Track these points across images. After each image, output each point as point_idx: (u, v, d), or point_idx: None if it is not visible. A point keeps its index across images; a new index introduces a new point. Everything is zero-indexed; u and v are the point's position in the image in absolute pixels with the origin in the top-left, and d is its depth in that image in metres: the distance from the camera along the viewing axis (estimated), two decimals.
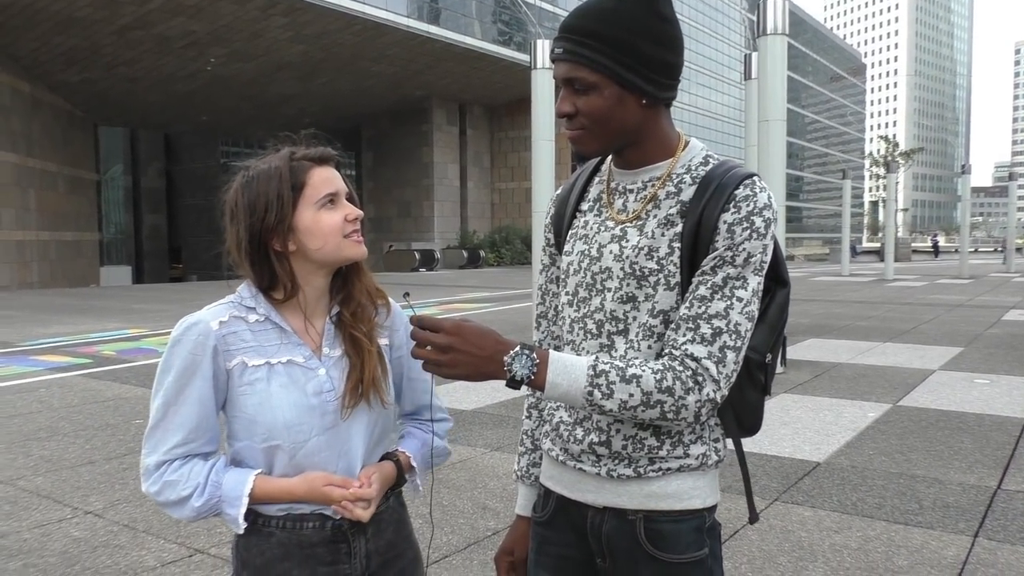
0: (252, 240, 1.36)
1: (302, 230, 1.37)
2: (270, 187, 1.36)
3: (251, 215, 1.36)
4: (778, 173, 8.49)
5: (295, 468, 1.40)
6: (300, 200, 1.37)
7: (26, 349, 10.47)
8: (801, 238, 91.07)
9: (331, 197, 1.39)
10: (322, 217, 1.37)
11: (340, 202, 1.41)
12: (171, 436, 1.37)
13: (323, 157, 1.41)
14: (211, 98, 40.86)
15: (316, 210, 1.37)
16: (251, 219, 1.36)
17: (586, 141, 1.31)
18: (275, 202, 1.35)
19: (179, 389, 1.37)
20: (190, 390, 1.37)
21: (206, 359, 1.36)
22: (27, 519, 3.97)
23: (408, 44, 34.51)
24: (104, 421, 6.15)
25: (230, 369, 1.38)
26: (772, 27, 8.47)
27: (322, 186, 1.38)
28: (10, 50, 30.23)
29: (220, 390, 1.40)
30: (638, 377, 1.20)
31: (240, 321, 1.40)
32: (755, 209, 1.23)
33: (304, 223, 1.37)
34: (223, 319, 1.39)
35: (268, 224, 1.35)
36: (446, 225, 45.54)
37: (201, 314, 1.39)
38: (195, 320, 1.38)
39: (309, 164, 1.39)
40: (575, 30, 1.25)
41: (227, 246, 1.41)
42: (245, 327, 1.40)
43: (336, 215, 1.39)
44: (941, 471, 4.69)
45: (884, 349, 9.72)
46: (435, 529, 3.75)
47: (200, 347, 1.36)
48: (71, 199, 36.56)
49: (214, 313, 1.39)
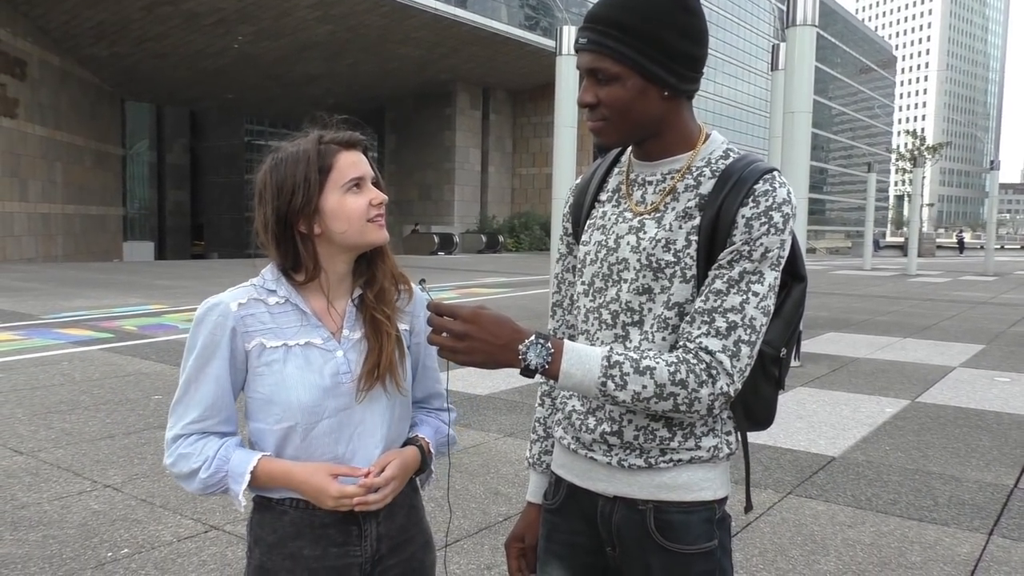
0: (279, 221, 1.39)
1: (328, 213, 1.39)
2: (298, 170, 1.38)
3: (278, 197, 1.38)
4: (802, 165, 8.42)
5: (306, 450, 1.42)
6: (327, 183, 1.38)
7: (49, 322, 10.62)
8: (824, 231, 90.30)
9: (357, 181, 1.40)
10: (347, 201, 1.39)
11: (366, 186, 1.42)
12: (190, 412, 1.41)
13: (351, 141, 1.42)
14: (237, 76, 41.02)
15: (342, 194, 1.39)
16: (278, 201, 1.38)
17: (607, 132, 1.30)
18: (302, 184, 1.37)
19: (199, 367, 1.40)
20: (209, 369, 1.40)
21: (224, 340, 1.39)
22: (47, 491, 4.05)
23: (435, 27, 34.44)
24: (124, 396, 6.24)
25: (249, 350, 1.41)
26: (802, 18, 8.37)
27: (349, 170, 1.40)
28: (40, 23, 30.48)
29: (239, 371, 1.42)
30: (652, 369, 1.20)
31: (260, 303, 1.43)
32: (774, 204, 1.23)
33: (330, 206, 1.38)
34: (242, 301, 1.41)
35: (295, 206, 1.37)
36: (466, 209, 45.55)
37: (222, 296, 1.42)
38: (216, 301, 1.41)
39: (337, 148, 1.40)
40: (600, 20, 1.25)
41: (255, 226, 1.44)
42: (264, 309, 1.42)
43: (361, 199, 1.40)
44: (958, 468, 4.66)
45: (904, 344, 9.64)
46: (444, 514, 3.78)
47: (219, 328, 1.39)
48: (97, 173, 36.91)
49: (234, 295, 1.42)
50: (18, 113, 28.57)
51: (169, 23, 31.72)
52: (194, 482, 1.39)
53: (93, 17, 30.62)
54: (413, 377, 1.60)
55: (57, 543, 3.39)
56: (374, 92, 45.44)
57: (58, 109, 32.25)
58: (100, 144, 37.40)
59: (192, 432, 1.41)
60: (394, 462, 1.44)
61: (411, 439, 1.54)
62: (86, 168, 35.41)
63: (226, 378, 1.41)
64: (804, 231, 8.32)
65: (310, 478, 1.37)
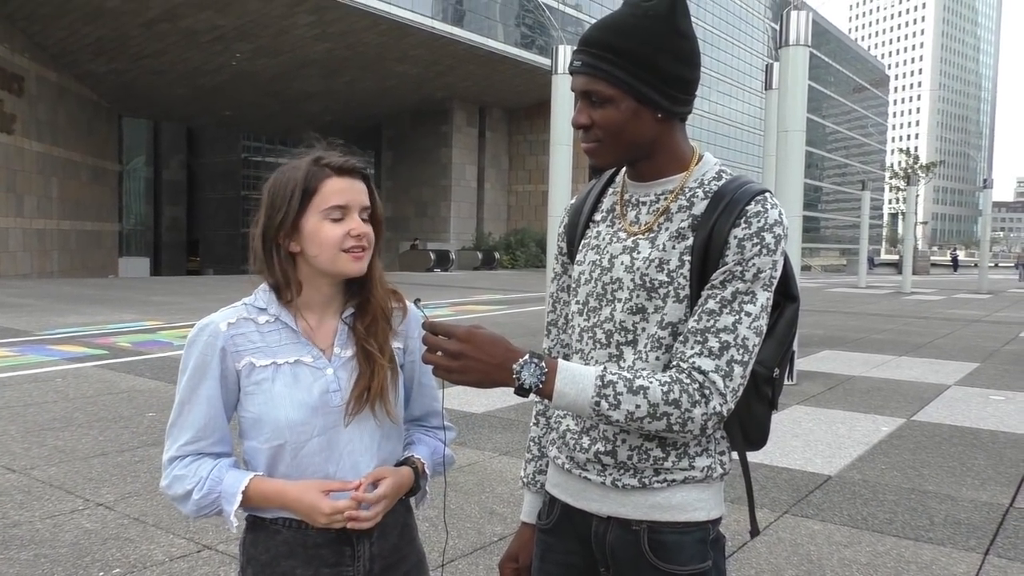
0: (265, 234, 1.41)
1: (305, 235, 1.40)
2: (287, 187, 1.40)
3: (268, 210, 1.41)
4: (796, 183, 8.46)
5: (297, 468, 1.42)
6: (309, 205, 1.39)
7: (43, 338, 10.59)
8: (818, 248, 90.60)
9: (340, 209, 1.40)
10: (324, 227, 1.39)
11: (349, 215, 1.41)
12: (184, 433, 1.42)
13: (344, 167, 1.42)
14: (235, 93, 41.17)
15: (321, 219, 1.39)
16: (268, 213, 1.41)
17: (601, 153, 1.32)
18: (287, 202, 1.39)
19: (191, 389, 1.42)
20: (201, 390, 1.41)
21: (215, 360, 1.41)
22: (39, 509, 4.02)
23: (432, 45, 34.66)
24: (118, 413, 6.21)
25: (239, 369, 1.42)
26: (795, 38, 8.44)
27: (332, 197, 1.39)
28: (38, 39, 30.58)
29: (231, 391, 1.43)
30: (645, 388, 1.20)
31: (249, 323, 1.43)
32: (766, 225, 1.24)
33: (307, 229, 1.39)
34: (231, 321, 1.42)
35: (275, 222, 1.40)
36: (462, 226, 45.63)
37: (213, 316, 1.44)
38: (206, 322, 1.43)
39: (328, 172, 1.40)
40: (594, 43, 1.26)
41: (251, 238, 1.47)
42: (254, 328, 1.43)
43: (339, 228, 1.39)
44: (953, 487, 4.66)
45: (899, 363, 9.65)
46: (439, 534, 3.76)
47: (210, 348, 1.41)
48: (93, 189, 36.92)
49: (224, 315, 1.43)
50: (15, 129, 28.60)
51: (167, 40, 31.86)
52: (188, 504, 1.39)
53: (92, 33, 30.75)
54: (409, 395, 1.60)
55: (49, 562, 3.36)
56: (371, 109, 45.63)
57: (55, 125, 32.30)
58: (97, 160, 37.44)
59: (187, 454, 1.41)
60: (387, 480, 1.43)
61: (406, 459, 1.54)
62: (82, 184, 35.42)
63: (218, 399, 1.41)
64: (798, 249, 8.36)
65: (302, 496, 1.37)
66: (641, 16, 1.24)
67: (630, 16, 1.25)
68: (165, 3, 27.91)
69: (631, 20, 1.24)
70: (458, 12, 35.63)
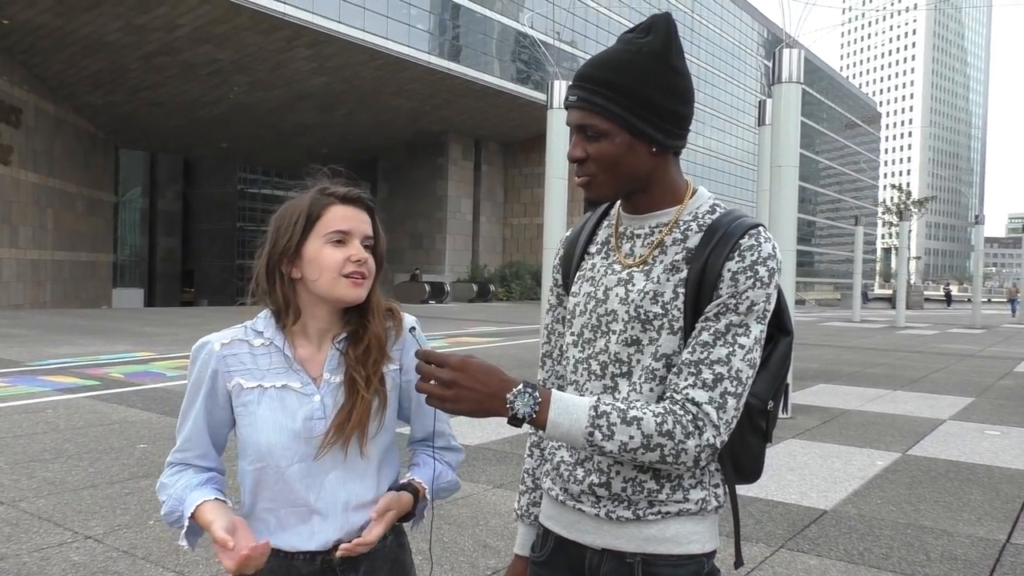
0: (269, 260, 1.44)
1: (306, 259, 1.42)
2: (292, 215, 1.43)
3: (273, 238, 1.44)
4: (789, 218, 8.52)
5: (280, 493, 1.42)
6: (312, 231, 1.41)
7: (35, 369, 10.52)
8: (812, 282, 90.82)
9: (342, 235, 1.42)
10: (325, 251, 1.41)
11: (350, 242, 1.43)
12: (178, 441, 1.48)
13: (348, 196, 1.45)
14: (232, 125, 41.47)
15: (322, 243, 1.41)
16: (273, 241, 1.44)
17: (595, 186, 1.33)
18: (291, 228, 1.42)
19: (189, 403, 1.47)
20: (196, 404, 1.46)
21: (206, 378, 1.44)
22: (27, 542, 3.97)
23: (428, 79, 35.03)
24: (109, 444, 6.15)
25: (230, 389, 1.44)
26: (787, 75, 8.56)
27: (335, 222, 1.42)
28: (37, 71, 30.83)
29: (222, 408, 1.46)
30: (639, 419, 1.20)
31: (243, 344, 1.46)
32: (759, 259, 1.25)
33: (309, 253, 1.41)
34: (225, 341, 1.46)
35: (278, 248, 1.42)
36: (457, 258, 45.74)
37: (210, 335, 1.47)
38: (203, 341, 1.47)
39: (332, 200, 1.43)
40: (589, 79, 1.28)
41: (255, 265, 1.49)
42: (247, 350, 1.45)
43: (339, 253, 1.41)
44: (950, 523, 4.63)
45: (894, 397, 9.65)
46: (435, 567, 3.72)
47: (204, 366, 1.45)
48: (88, 220, 36.98)
49: (221, 335, 1.47)
50: (11, 160, 28.72)
51: (166, 73, 32.15)
52: (162, 512, 1.43)
53: (90, 66, 31.02)
54: (408, 416, 1.58)
55: None
56: (367, 142, 45.96)
57: (51, 156, 32.45)
58: (92, 191, 37.56)
59: (177, 462, 1.47)
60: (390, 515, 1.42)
61: (405, 484, 1.51)
62: (78, 215, 35.49)
63: (202, 417, 1.45)
64: (792, 283, 8.39)
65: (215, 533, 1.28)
66: (636, 52, 1.26)
67: (625, 52, 1.27)
68: (164, 37, 28.22)
69: (626, 56, 1.26)
70: (454, 47, 36.09)
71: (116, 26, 27.23)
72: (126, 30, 27.54)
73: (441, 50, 35.09)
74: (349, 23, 29.88)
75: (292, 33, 28.55)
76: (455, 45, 36.20)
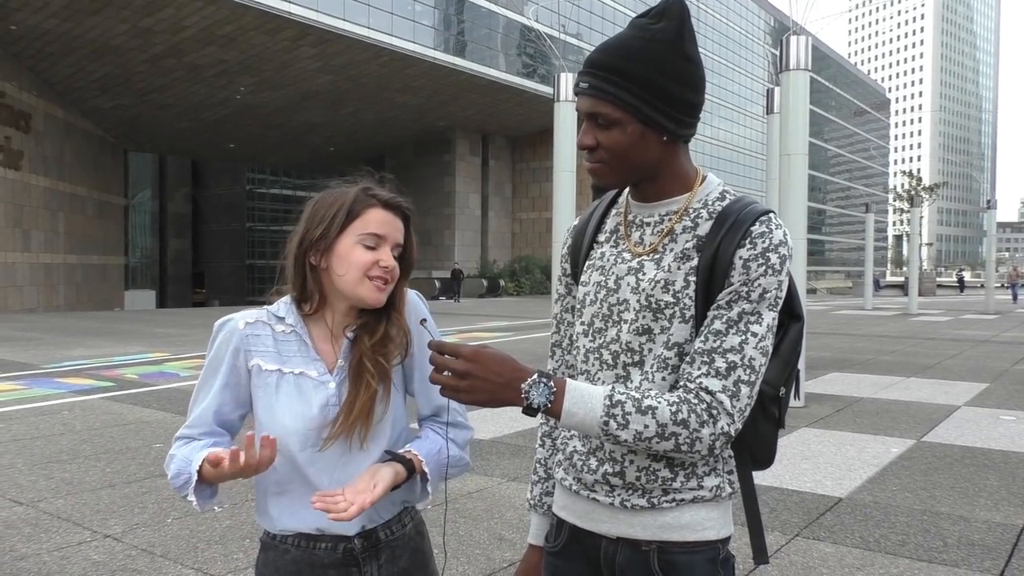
0: (300, 246, 1.45)
1: (336, 254, 1.43)
2: (332, 206, 1.44)
3: (308, 223, 1.45)
4: (799, 206, 8.48)
5: (290, 476, 1.44)
6: (348, 227, 1.43)
7: (50, 371, 10.60)
8: (824, 271, 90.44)
9: (376, 239, 1.43)
10: (356, 250, 1.42)
11: (382, 246, 1.44)
12: (189, 417, 1.48)
13: (391, 202, 1.47)
14: (239, 126, 41.57)
15: (356, 242, 1.42)
16: (306, 227, 1.45)
17: (605, 174, 1.33)
18: (328, 220, 1.43)
19: (205, 379, 1.48)
20: (212, 381, 1.47)
21: (228, 354, 1.45)
22: (47, 542, 4.01)
23: (433, 75, 34.99)
24: (125, 444, 6.20)
25: (250, 368, 1.46)
26: (795, 63, 8.51)
27: (372, 225, 1.43)
28: (46, 75, 31.00)
29: (243, 387, 1.47)
30: (654, 409, 1.20)
31: (266, 326, 1.47)
32: (771, 245, 1.24)
33: (341, 249, 1.43)
34: (250, 320, 1.47)
35: (313, 236, 1.43)
36: (466, 254, 45.73)
37: (234, 314, 1.49)
38: (227, 318, 1.49)
39: (374, 202, 1.45)
40: (600, 66, 1.27)
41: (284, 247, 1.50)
42: (269, 333, 1.47)
43: (369, 255, 1.42)
44: (966, 508, 4.61)
45: (908, 384, 9.60)
46: (450, 559, 3.74)
47: (225, 343, 1.46)
48: (99, 223, 37.19)
49: (245, 314, 1.49)
50: (22, 165, 28.90)
51: (172, 75, 32.26)
52: (170, 480, 1.42)
53: (97, 70, 31.16)
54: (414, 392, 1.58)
55: None
56: (374, 140, 45.98)
57: (61, 160, 32.63)
58: (102, 194, 37.76)
59: (184, 436, 1.47)
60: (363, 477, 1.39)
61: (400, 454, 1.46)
62: (88, 218, 35.69)
63: (219, 393, 1.46)
64: (803, 271, 8.35)
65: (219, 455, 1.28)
66: (648, 39, 1.24)
67: (637, 39, 1.25)
68: (170, 39, 28.31)
69: (638, 43, 1.25)
70: (460, 42, 36.03)
71: (122, 29, 27.33)
72: (132, 33, 27.64)
73: (446, 45, 35.05)
74: (354, 20, 29.88)
75: (297, 32, 28.58)
76: (460, 40, 36.15)
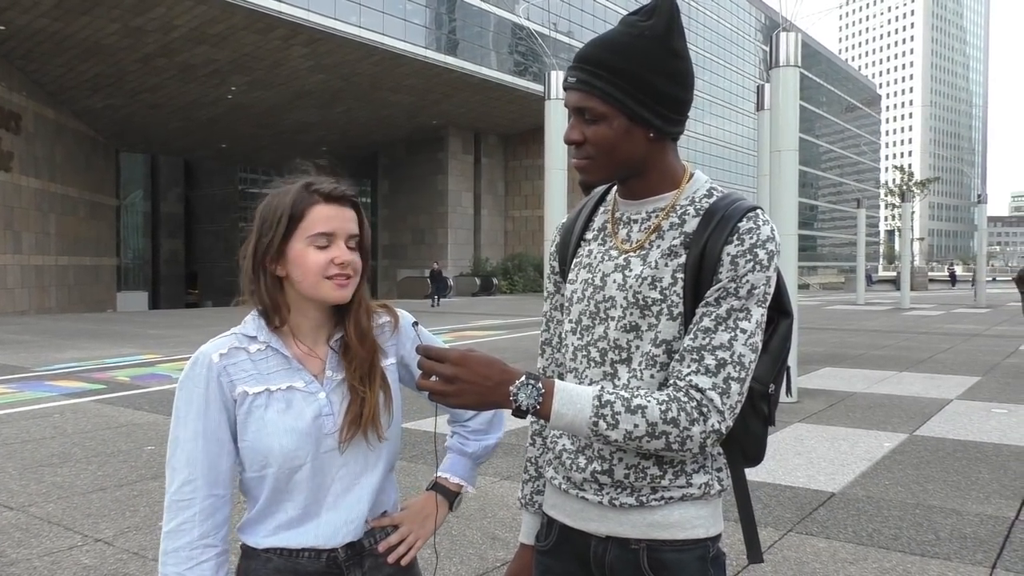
0: (254, 255, 1.40)
1: (290, 260, 1.39)
2: (275, 211, 1.39)
3: (258, 232, 1.40)
4: (790, 202, 8.50)
5: (288, 493, 1.40)
6: (295, 231, 1.38)
7: (41, 374, 10.55)
8: (816, 267, 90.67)
9: (325, 236, 1.38)
10: (308, 253, 1.37)
11: (335, 243, 1.39)
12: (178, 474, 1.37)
13: (332, 194, 1.40)
14: (231, 125, 41.45)
15: (306, 245, 1.38)
16: (258, 236, 1.40)
17: (592, 170, 1.32)
18: (273, 226, 1.38)
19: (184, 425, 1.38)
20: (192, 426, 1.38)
21: (210, 391, 1.38)
22: (37, 546, 3.98)
23: (425, 74, 34.96)
24: (116, 447, 6.18)
25: (236, 398, 1.39)
26: (784, 59, 8.53)
27: (318, 224, 1.38)
28: (36, 76, 30.84)
29: (230, 421, 1.40)
30: (643, 408, 1.20)
31: (241, 351, 1.41)
32: (758, 241, 1.24)
33: (292, 254, 1.38)
34: (223, 351, 1.40)
35: (263, 244, 1.39)
36: (459, 252, 45.71)
37: (204, 348, 1.41)
38: (198, 355, 1.41)
39: (316, 198, 1.39)
40: (589, 60, 1.27)
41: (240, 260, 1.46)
42: (246, 356, 1.41)
43: (323, 255, 1.38)
44: (958, 502, 4.63)
45: (900, 378, 9.63)
46: (443, 559, 3.73)
47: (203, 380, 1.38)
48: (91, 224, 37.02)
49: (216, 346, 1.41)
50: (12, 166, 28.74)
51: (164, 75, 32.13)
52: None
53: (88, 70, 31.01)
54: None
55: None
56: (367, 139, 45.91)
57: (52, 161, 32.46)
58: (94, 195, 37.58)
59: (185, 497, 1.36)
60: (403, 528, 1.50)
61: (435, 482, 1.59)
62: (80, 219, 35.52)
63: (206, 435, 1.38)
64: (794, 267, 8.37)
65: None
66: (637, 36, 1.24)
67: (626, 35, 1.25)
68: (161, 38, 28.18)
69: (627, 39, 1.25)
70: (451, 41, 35.98)
71: (113, 29, 27.19)
72: (123, 32, 27.51)
73: (438, 44, 35.00)
74: (345, 20, 29.80)
75: (288, 31, 28.49)
76: (452, 39, 36.10)
